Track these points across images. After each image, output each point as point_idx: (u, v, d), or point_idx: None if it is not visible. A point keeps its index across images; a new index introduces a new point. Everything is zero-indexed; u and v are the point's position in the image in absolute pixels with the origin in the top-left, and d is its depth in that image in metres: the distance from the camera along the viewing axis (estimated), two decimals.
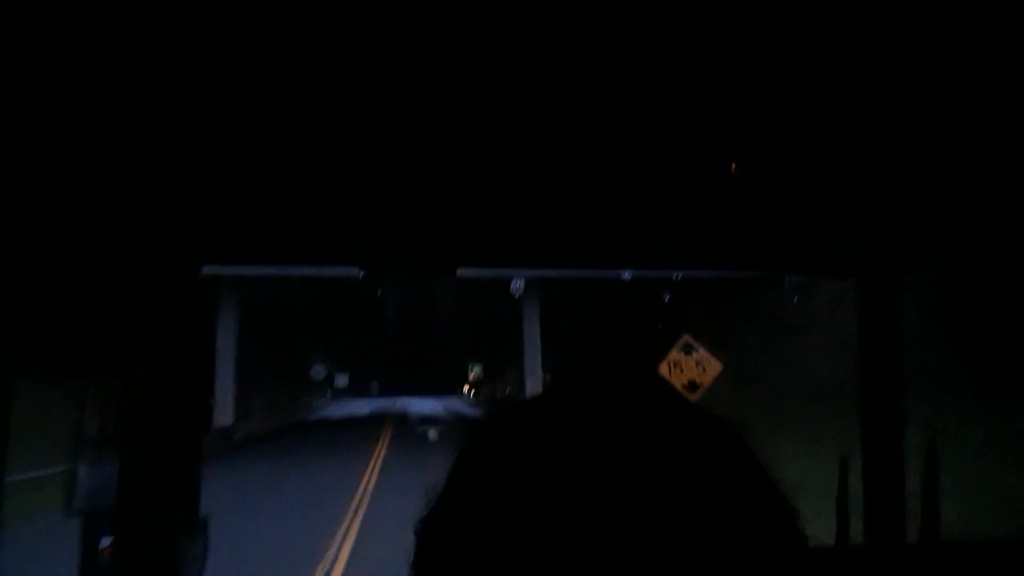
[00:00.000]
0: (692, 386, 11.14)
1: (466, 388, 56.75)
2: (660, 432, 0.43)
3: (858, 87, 0.98)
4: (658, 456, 0.42)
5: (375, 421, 29.52)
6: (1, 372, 1.05)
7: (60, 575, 1.37)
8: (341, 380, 62.95)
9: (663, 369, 11.16)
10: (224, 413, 23.57)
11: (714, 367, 11.17)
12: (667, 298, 15.89)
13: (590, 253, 1.51)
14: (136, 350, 1.19)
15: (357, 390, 64.09)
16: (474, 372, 54.70)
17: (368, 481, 14.09)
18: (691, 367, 11.33)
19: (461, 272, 1.47)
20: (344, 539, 9.32)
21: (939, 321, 6.79)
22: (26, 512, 6.12)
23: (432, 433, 23.16)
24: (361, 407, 42.50)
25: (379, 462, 16.27)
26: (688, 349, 11.34)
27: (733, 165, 1.13)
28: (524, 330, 24.60)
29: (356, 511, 11.00)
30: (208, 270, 1.32)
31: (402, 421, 29.84)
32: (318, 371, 46.46)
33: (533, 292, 23.61)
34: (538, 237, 1.36)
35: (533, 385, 23.71)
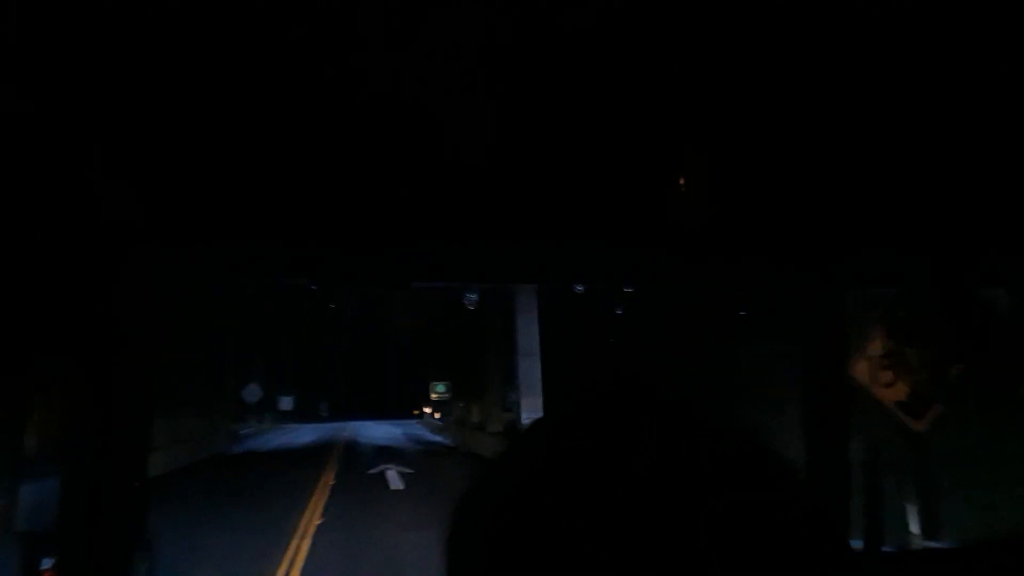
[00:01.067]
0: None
1: (428, 409, 49.85)
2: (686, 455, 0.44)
3: (804, 111, 1.14)
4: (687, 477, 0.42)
5: (315, 455, 22.57)
6: None
7: None
8: (285, 403, 56.37)
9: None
10: None
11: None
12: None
13: (545, 266, 1.56)
14: (80, 362, 1.14)
15: (304, 414, 57.07)
16: (437, 391, 48.04)
17: None
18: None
19: (416, 284, 1.54)
20: None
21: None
22: None
23: (392, 476, 16.33)
24: (303, 435, 35.18)
25: (302, 547, 9.44)
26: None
27: (682, 180, 1.18)
28: (518, 342, 18.55)
29: None
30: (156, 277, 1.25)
31: (351, 455, 22.96)
32: (252, 392, 39.27)
33: (528, 299, 18.23)
34: (492, 250, 1.37)
35: (532, 404, 17.44)
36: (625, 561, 0.39)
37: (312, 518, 10.99)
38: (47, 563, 1.26)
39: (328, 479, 15.91)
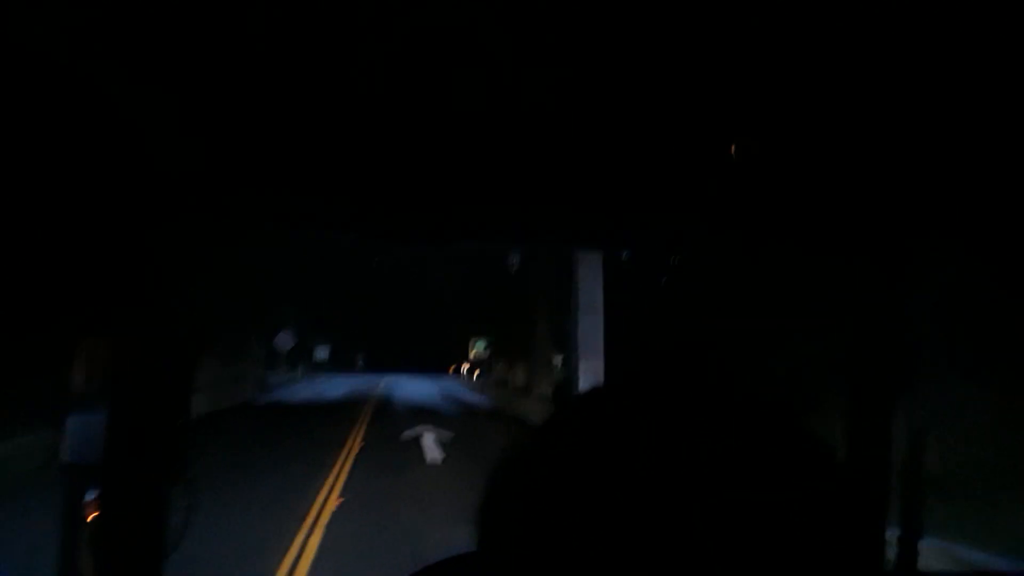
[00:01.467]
0: None
1: (465, 367, 47.90)
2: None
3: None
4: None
5: (344, 411, 20.65)
6: None
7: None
8: (321, 352, 55.18)
9: None
10: None
11: None
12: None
13: (583, 232, 1.51)
14: (128, 307, 1.20)
15: (339, 364, 55.84)
16: (477, 348, 46.05)
17: None
18: None
19: (459, 243, 1.69)
20: None
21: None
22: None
23: (429, 442, 14.22)
24: (335, 387, 33.44)
25: (310, 543, 7.27)
26: None
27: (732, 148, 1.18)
28: (579, 297, 16.18)
29: None
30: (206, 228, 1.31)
31: (384, 413, 20.98)
32: (284, 340, 37.72)
33: (592, 257, 16.12)
34: (536, 213, 1.40)
35: (591, 367, 15.16)
36: (660, 548, 0.40)
37: (330, 498, 8.88)
38: (91, 495, 1.48)
39: (355, 443, 13.87)
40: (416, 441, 14.26)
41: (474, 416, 21.31)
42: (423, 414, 20.26)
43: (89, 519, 3.02)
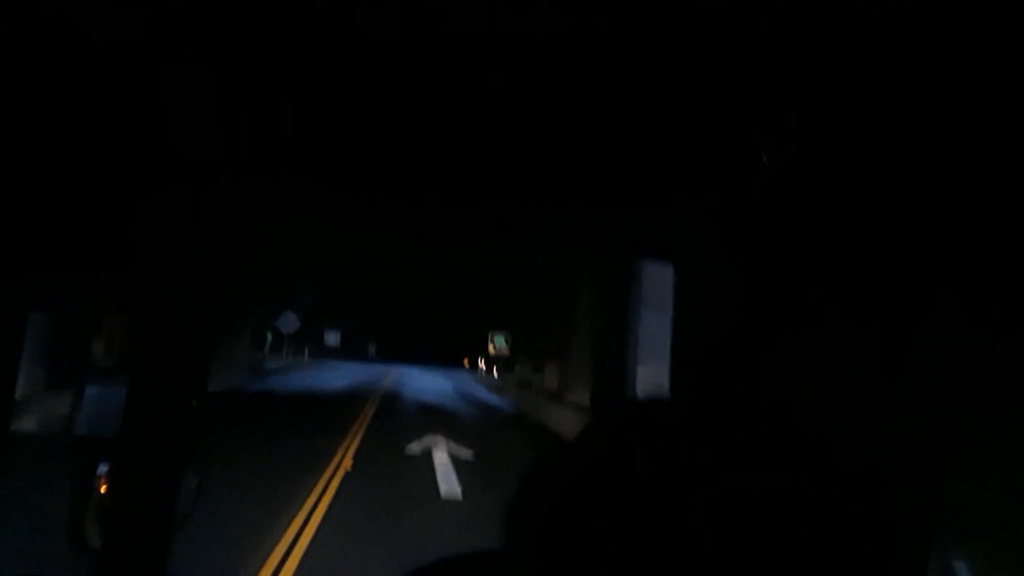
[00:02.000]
0: None
1: (482, 363, 44.53)
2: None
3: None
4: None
5: (342, 407, 17.30)
6: (14, 303, 1.17)
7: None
8: (331, 338, 52.18)
9: None
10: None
11: None
12: None
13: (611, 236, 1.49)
14: (148, 288, 1.23)
15: (350, 351, 52.70)
16: (496, 344, 42.71)
17: None
18: None
19: (490, 243, 1.53)
20: None
21: None
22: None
23: (443, 464, 10.82)
24: (340, 376, 30.11)
25: None
26: None
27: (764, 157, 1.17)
28: (643, 290, 12.82)
29: None
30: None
31: (389, 412, 17.61)
32: (288, 321, 34.52)
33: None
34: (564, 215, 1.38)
35: (653, 375, 11.79)
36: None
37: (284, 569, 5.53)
38: (102, 468, 1.46)
39: (346, 457, 10.53)
40: (425, 458, 10.87)
41: (494, 424, 17.88)
42: (435, 417, 16.86)
43: (101, 491, 2.97)
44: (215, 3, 0.99)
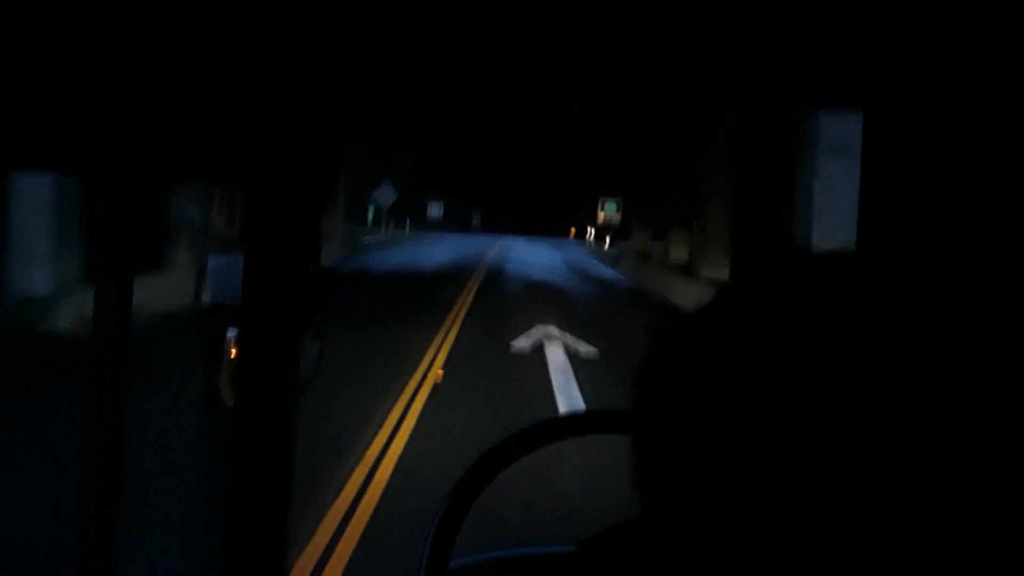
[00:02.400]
0: None
1: (590, 233, 41.68)
2: None
3: None
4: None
5: (440, 287, 15.18)
6: (131, 182, 1.28)
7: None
8: (434, 209, 50.54)
9: None
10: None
11: None
12: None
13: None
14: (258, 160, 1.25)
15: (454, 223, 50.99)
16: (606, 211, 39.66)
17: None
18: None
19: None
20: None
21: None
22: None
23: (559, 364, 8.40)
24: (440, 250, 28.15)
25: None
26: None
27: None
28: (819, 137, 9.67)
29: None
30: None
31: (492, 291, 15.36)
32: (385, 193, 32.56)
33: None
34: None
35: (827, 234, 8.94)
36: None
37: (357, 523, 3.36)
38: (232, 332, 1.57)
39: (440, 352, 8.30)
40: (536, 357, 8.48)
41: (618, 303, 15.33)
42: (545, 297, 14.46)
43: (231, 355, 3.09)
44: None
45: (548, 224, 50.43)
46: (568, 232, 48.92)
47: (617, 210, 38.97)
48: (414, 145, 39.27)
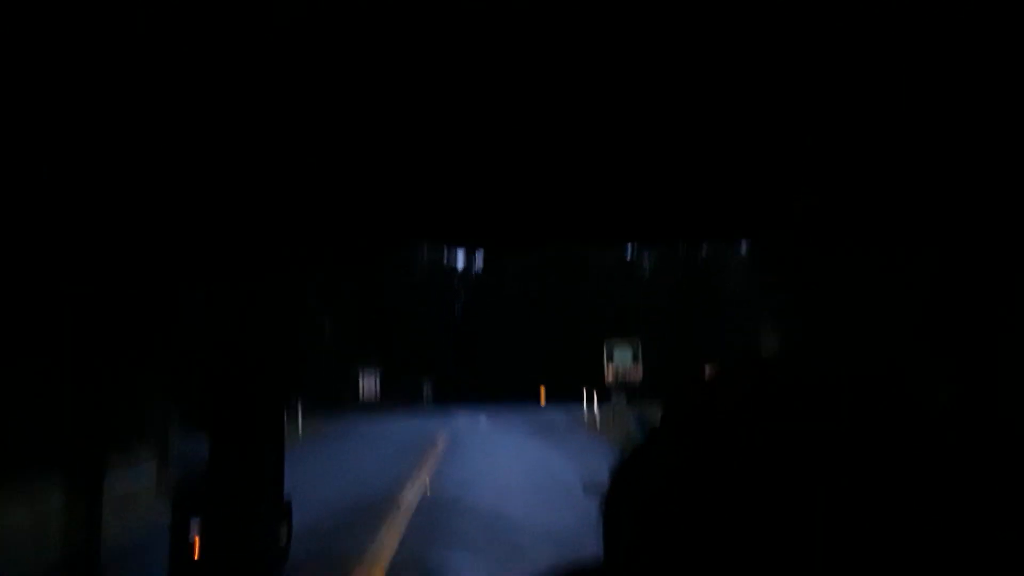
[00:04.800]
0: None
1: (608, 379, 27.04)
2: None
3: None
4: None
5: None
6: (102, 369, 1.28)
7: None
8: (368, 383, 37.07)
9: None
10: None
11: None
12: None
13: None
14: (228, 351, 1.28)
15: (397, 397, 36.85)
16: (617, 363, 26.09)
17: None
18: None
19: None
20: None
21: None
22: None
23: None
24: (354, 464, 13.78)
25: None
26: None
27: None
28: None
29: None
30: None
31: None
32: None
33: None
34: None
35: None
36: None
37: None
38: (195, 521, 1.36)
39: None
40: None
41: None
42: None
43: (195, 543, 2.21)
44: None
45: (536, 387, 35.85)
46: (578, 396, 32.61)
47: (633, 359, 25.57)
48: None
